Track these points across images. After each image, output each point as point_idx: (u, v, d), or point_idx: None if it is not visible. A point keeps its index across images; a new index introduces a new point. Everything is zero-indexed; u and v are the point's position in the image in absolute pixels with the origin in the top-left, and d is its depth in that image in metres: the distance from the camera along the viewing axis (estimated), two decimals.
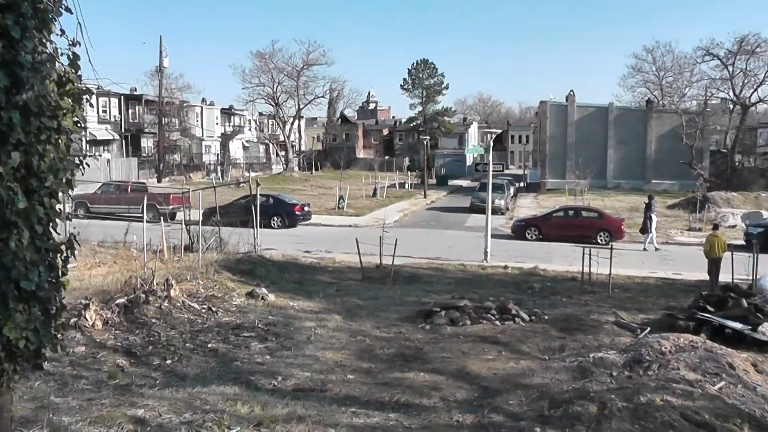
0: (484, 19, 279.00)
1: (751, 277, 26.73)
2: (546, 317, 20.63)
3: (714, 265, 28.15)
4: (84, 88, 7.52)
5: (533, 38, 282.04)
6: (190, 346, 15.70)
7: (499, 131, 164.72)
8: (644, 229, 38.82)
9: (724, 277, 27.27)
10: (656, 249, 37.98)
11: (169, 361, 14.51)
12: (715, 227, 31.07)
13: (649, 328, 19.39)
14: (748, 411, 12.57)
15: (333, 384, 13.53)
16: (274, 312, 19.94)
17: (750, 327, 18.91)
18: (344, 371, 14.49)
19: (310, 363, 14.98)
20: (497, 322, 19.59)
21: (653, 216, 38.58)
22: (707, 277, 28.33)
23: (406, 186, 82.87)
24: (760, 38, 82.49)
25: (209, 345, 15.94)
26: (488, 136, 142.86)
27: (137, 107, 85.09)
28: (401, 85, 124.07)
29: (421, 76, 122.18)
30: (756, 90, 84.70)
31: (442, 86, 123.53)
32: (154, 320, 17.21)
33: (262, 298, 21.11)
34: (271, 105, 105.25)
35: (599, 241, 38.45)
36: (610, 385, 13.57)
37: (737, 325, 19.00)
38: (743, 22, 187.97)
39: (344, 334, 17.89)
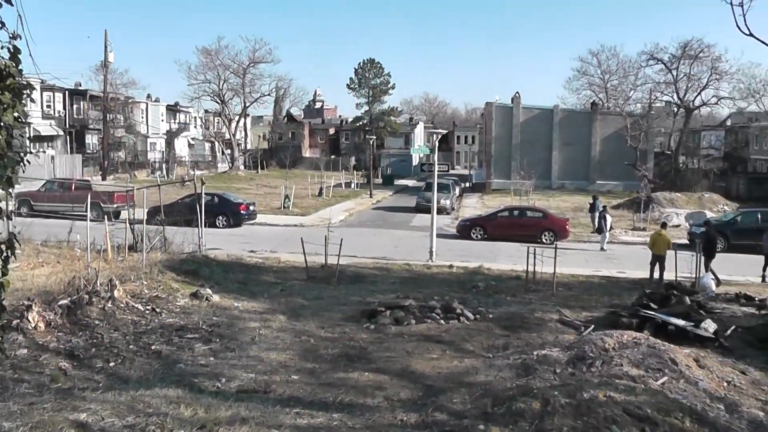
0: (431, 19, 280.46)
1: (694, 276, 27.27)
2: (490, 316, 20.74)
3: (659, 263, 29.09)
4: (25, 83, 7.39)
5: (479, 40, 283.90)
6: (133, 348, 15.52)
7: (445, 131, 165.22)
8: (599, 230, 39.16)
9: (668, 275, 27.82)
10: (602, 249, 38.51)
11: (112, 364, 14.32)
12: (663, 226, 31.94)
13: (592, 326, 19.60)
14: (690, 405, 12.80)
15: (277, 385, 13.46)
16: (218, 313, 19.77)
17: (693, 324, 19.26)
18: (288, 372, 14.44)
19: (254, 364, 14.90)
20: (442, 321, 19.66)
21: (607, 216, 38.88)
22: (651, 275, 29.17)
23: (352, 185, 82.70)
24: (703, 43, 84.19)
25: (153, 347, 15.75)
26: (434, 136, 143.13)
27: (82, 103, 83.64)
28: (348, 85, 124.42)
29: (367, 75, 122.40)
30: (699, 94, 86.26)
31: (389, 86, 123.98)
32: (97, 322, 16.99)
33: (207, 299, 20.93)
34: (217, 102, 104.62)
35: (544, 240, 38.88)
36: (553, 381, 13.69)
37: (680, 322, 19.33)
38: (687, 28, 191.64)
39: (288, 335, 17.81)
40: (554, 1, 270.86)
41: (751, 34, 10.11)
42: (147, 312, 18.75)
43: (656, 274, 29.03)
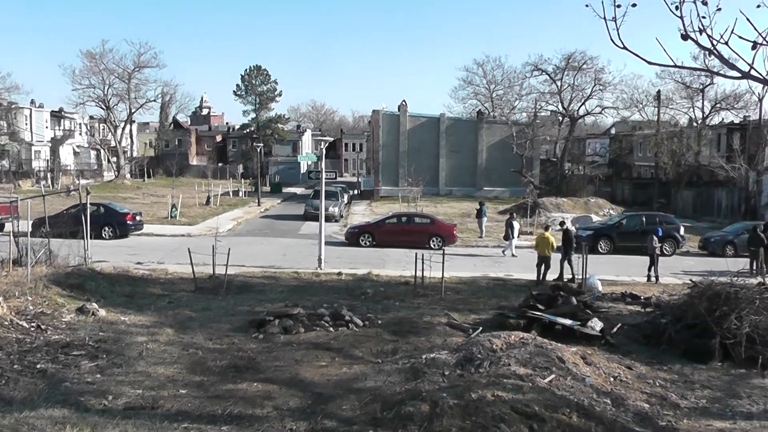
0: (317, 26, 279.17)
1: (581, 277, 28.00)
2: (379, 321, 20.98)
3: (543, 263, 30.20)
4: None
5: (366, 48, 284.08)
6: (17, 368, 15.11)
7: (333, 139, 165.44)
8: (507, 236, 39.59)
9: (552, 276, 28.51)
10: (503, 254, 38.83)
11: None
12: (546, 228, 33.31)
13: (480, 328, 19.98)
14: (577, 401, 13.20)
15: (165, 400, 13.36)
16: (105, 328, 19.41)
17: (579, 323, 19.82)
18: (176, 386, 14.34)
19: (142, 380, 14.73)
20: (331, 329, 19.80)
21: (514, 223, 39.33)
22: (538, 276, 30.18)
23: (240, 194, 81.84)
24: (587, 56, 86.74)
25: (38, 366, 15.37)
26: (322, 143, 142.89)
27: None
28: (234, 91, 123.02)
29: (254, 82, 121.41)
30: (584, 103, 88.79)
31: (275, 93, 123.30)
32: None
33: (93, 314, 20.53)
34: (102, 108, 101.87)
35: (432, 246, 39.13)
36: (441, 384, 13.91)
37: (567, 322, 19.89)
38: (570, 40, 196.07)
39: (176, 348, 17.65)
40: (440, 11, 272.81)
41: (625, 48, 10.44)
42: (32, 329, 18.29)
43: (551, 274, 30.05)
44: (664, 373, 17.37)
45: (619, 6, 10.09)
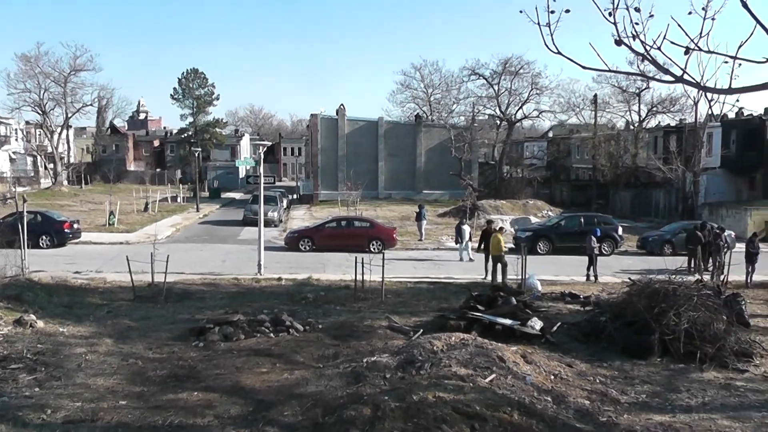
0: (253, 29, 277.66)
1: (520, 277, 28.23)
2: (320, 326, 20.95)
3: (498, 262, 30.65)
4: None
5: (304, 51, 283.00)
6: None
7: (271, 143, 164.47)
8: (457, 241, 39.62)
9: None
10: (470, 260, 38.19)
11: None
12: (500, 230, 33.82)
13: (421, 330, 20.04)
14: (518, 399, 13.33)
15: (105, 412, 13.18)
16: (43, 339, 19.06)
17: (519, 322, 20.03)
18: (116, 397, 14.15)
19: (81, 392, 14.50)
20: (271, 335, 19.71)
21: (464, 227, 39.37)
22: (478, 278, 30.79)
23: (179, 199, 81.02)
24: (523, 60, 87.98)
25: None
26: (260, 148, 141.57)
27: None
28: (172, 95, 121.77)
29: (191, 86, 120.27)
30: (521, 107, 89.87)
31: (213, 97, 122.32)
32: None
33: (31, 326, 20.15)
34: (38, 113, 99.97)
35: (372, 249, 39.14)
36: (383, 387, 13.93)
37: (507, 321, 20.07)
38: (507, 45, 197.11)
39: (116, 358, 17.40)
40: (377, 15, 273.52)
41: (559, 53, 10.54)
42: None
43: (499, 275, 30.38)
44: (604, 369, 17.62)
45: (552, 12, 10.19)
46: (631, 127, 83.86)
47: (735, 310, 22.02)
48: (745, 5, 9.28)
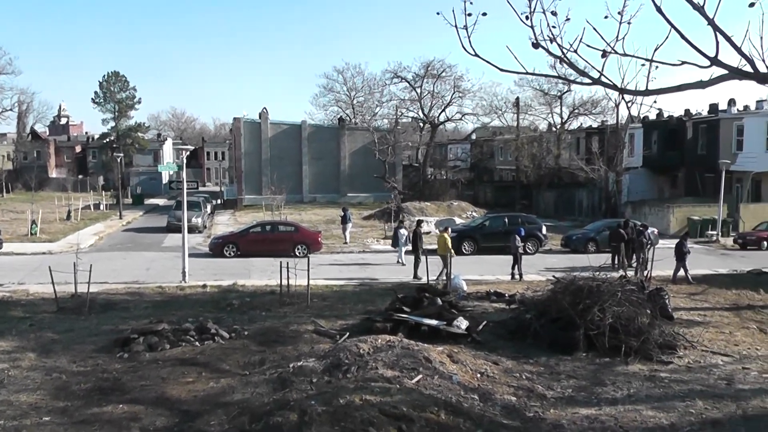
0: (173, 29, 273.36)
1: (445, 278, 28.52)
2: (246, 333, 20.79)
3: (443, 261, 31.23)
4: None
5: (226, 53, 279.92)
6: None
7: (194, 148, 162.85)
8: (395, 243, 39.42)
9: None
10: (403, 264, 37.57)
11: None
12: (445, 229, 34.58)
13: (348, 333, 20.04)
14: (445, 398, 13.42)
15: (28, 429, 12.95)
16: None
17: (445, 323, 20.14)
18: (39, 414, 13.85)
19: (4, 409, 14.16)
20: (197, 343, 19.47)
21: (401, 231, 39.20)
22: (403, 280, 31.14)
23: (101, 207, 79.50)
24: (445, 64, 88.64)
25: None
26: (183, 152, 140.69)
27: None
28: (93, 99, 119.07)
29: (112, 89, 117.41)
30: (444, 110, 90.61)
31: (135, 100, 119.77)
32: None
33: None
34: None
35: (297, 253, 39.11)
36: (310, 392, 13.91)
37: (433, 322, 20.18)
38: (430, 48, 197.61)
39: (39, 373, 17.00)
40: (299, 17, 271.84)
41: (476, 55, 10.62)
42: None
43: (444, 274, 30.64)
44: (531, 366, 17.88)
45: (470, 15, 10.26)
46: (554, 128, 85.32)
47: (659, 304, 22.60)
48: (659, 10, 9.45)
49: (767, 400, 15.65)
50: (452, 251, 32.13)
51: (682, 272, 32.59)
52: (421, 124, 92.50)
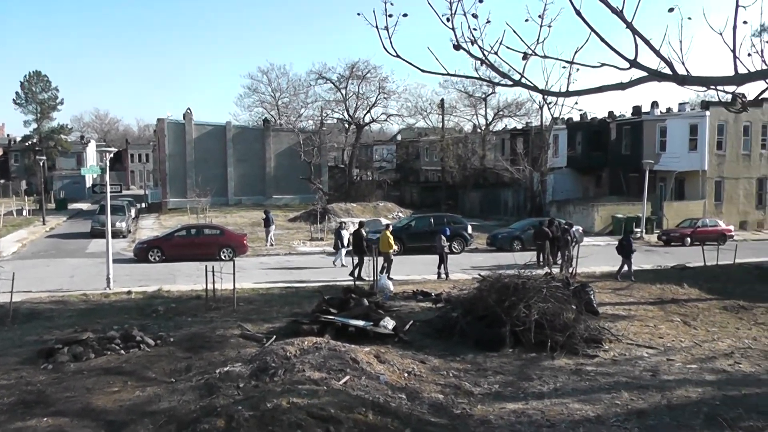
0: (94, 27, 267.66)
1: (372, 278, 28.66)
2: (172, 339, 20.55)
3: (384, 259, 32.00)
4: None
5: (148, 52, 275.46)
6: None
7: (118, 150, 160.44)
8: (336, 246, 39.18)
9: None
10: (343, 265, 37.21)
11: None
12: (387, 227, 35.05)
13: (274, 336, 20.08)
14: (372, 399, 13.50)
15: None
16: None
17: (372, 323, 20.25)
18: None
19: None
20: (122, 351, 19.17)
21: (343, 232, 38.93)
22: (330, 282, 31.26)
23: (24, 212, 77.82)
24: (370, 65, 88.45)
25: None
26: (107, 155, 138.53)
27: None
28: (14, 100, 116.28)
29: (34, 89, 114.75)
30: (369, 111, 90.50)
31: (57, 101, 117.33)
32: None
33: None
34: None
35: (222, 257, 38.87)
36: (237, 397, 13.87)
37: (359, 323, 20.27)
38: (355, 49, 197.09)
39: None
40: (222, 16, 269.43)
41: (398, 56, 10.66)
42: None
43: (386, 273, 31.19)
44: (458, 363, 18.08)
45: (390, 16, 10.29)
46: (479, 130, 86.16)
47: (584, 299, 23.12)
48: (578, 13, 9.57)
49: (691, 390, 16.12)
50: (395, 248, 32.55)
51: (626, 268, 33.49)
52: (347, 126, 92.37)
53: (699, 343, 21.59)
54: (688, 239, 49.78)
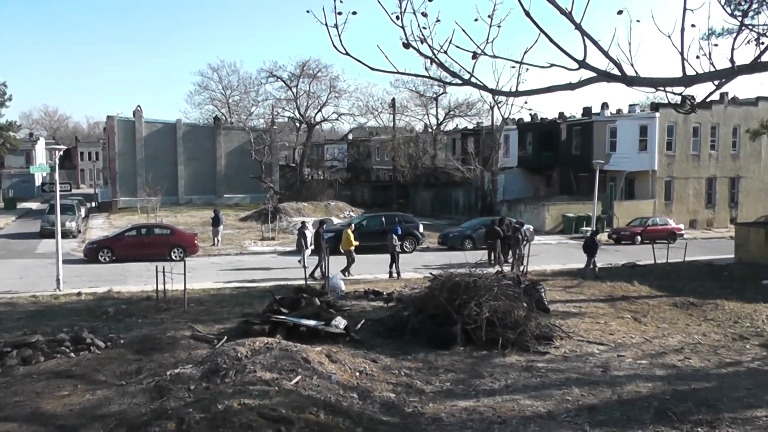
0: (40, 20, 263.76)
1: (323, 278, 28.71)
2: (122, 341, 20.31)
3: (347, 256, 32.98)
4: None
5: (98, 47, 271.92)
6: None
7: (68, 147, 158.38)
8: (299, 246, 38.91)
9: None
10: (305, 266, 37.00)
11: None
12: (348, 225, 36.01)
13: (225, 337, 20.01)
14: (324, 399, 13.52)
15: None
16: None
17: (323, 322, 20.27)
18: None
19: None
20: (72, 354, 18.93)
21: (307, 233, 38.69)
22: (282, 282, 31.16)
23: None
24: (321, 64, 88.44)
25: None
26: (56, 153, 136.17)
27: None
28: None
29: None
30: (320, 110, 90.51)
31: (5, 97, 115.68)
32: None
33: None
34: None
35: (173, 257, 38.56)
36: (188, 399, 13.77)
37: (311, 323, 20.28)
38: (306, 47, 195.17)
39: None
40: (172, 12, 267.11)
41: (347, 53, 10.70)
42: None
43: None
44: (409, 362, 18.17)
45: (340, 13, 10.32)
46: (430, 129, 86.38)
47: (535, 297, 23.39)
48: (528, 14, 9.67)
49: (641, 385, 16.33)
50: (355, 244, 33.46)
51: (591, 265, 33.98)
52: (298, 124, 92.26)
53: (649, 339, 21.92)
54: (639, 238, 50.58)
